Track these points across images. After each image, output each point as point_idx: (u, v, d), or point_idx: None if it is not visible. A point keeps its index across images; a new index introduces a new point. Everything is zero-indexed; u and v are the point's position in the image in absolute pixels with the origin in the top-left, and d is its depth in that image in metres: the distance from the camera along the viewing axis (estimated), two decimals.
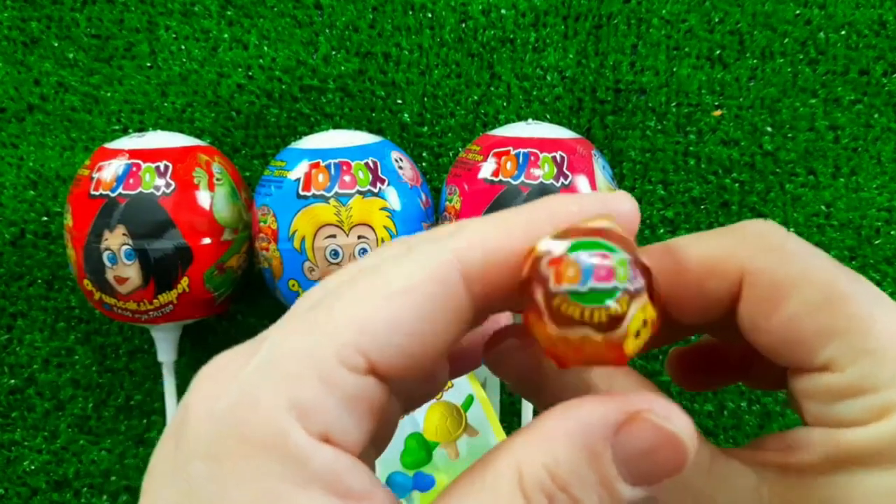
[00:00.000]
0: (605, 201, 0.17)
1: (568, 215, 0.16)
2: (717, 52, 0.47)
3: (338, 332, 0.15)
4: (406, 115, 0.48)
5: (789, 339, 0.17)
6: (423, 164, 0.48)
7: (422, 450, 0.40)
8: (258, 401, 0.14)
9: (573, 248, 0.14)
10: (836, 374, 0.16)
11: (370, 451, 0.17)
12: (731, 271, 0.17)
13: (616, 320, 0.14)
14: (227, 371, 0.15)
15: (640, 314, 0.14)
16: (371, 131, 0.44)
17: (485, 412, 0.41)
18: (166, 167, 0.39)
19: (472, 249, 0.16)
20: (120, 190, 0.39)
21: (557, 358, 0.15)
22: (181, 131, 0.45)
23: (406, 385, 0.17)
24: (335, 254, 0.38)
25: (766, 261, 0.17)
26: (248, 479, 0.14)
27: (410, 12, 0.48)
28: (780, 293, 0.17)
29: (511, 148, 0.39)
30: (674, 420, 0.15)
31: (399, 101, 0.48)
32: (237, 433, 0.14)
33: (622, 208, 0.16)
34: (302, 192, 0.38)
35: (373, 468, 0.17)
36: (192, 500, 0.14)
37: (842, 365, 0.16)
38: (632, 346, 0.14)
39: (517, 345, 0.18)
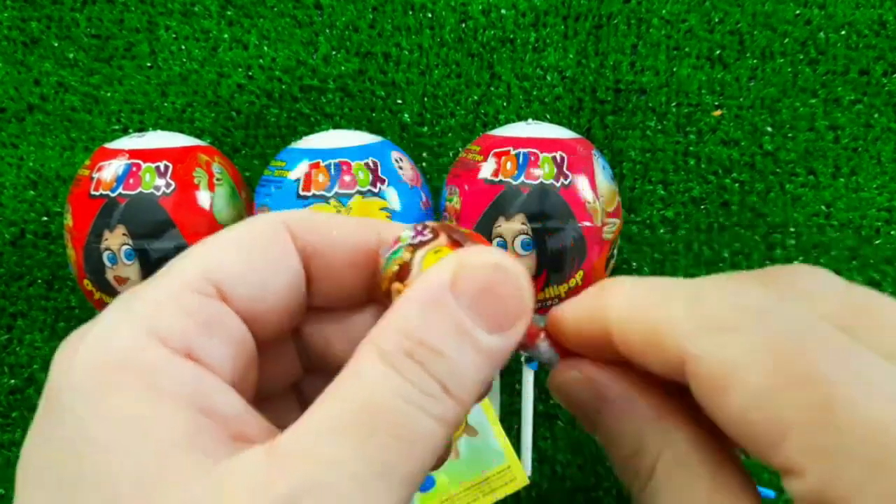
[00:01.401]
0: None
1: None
2: (717, 52, 0.47)
3: (188, 268, 0.16)
4: (406, 115, 0.48)
5: (746, 434, 0.14)
6: (423, 164, 0.48)
7: None
8: (118, 333, 0.15)
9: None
10: (798, 478, 0.14)
11: (243, 387, 0.17)
12: (669, 351, 0.16)
13: (405, 267, 0.17)
14: (81, 332, 0.16)
15: (430, 256, 0.17)
16: (371, 131, 0.44)
17: (485, 412, 0.41)
18: (166, 167, 0.39)
19: (299, 217, 0.18)
20: (120, 190, 0.39)
21: None
22: (181, 131, 0.45)
23: (263, 330, 0.18)
24: None
25: (705, 344, 0.15)
26: (114, 397, 0.14)
27: (410, 12, 0.48)
28: (724, 382, 0.14)
29: (511, 148, 0.39)
30: (502, 257, 0.16)
31: (399, 101, 0.48)
32: (100, 362, 0.15)
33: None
34: (302, 193, 0.38)
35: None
36: (70, 431, 0.14)
37: (800, 467, 0.14)
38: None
39: (579, 378, 0.19)
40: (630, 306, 0.17)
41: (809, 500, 0.13)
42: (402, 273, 0.17)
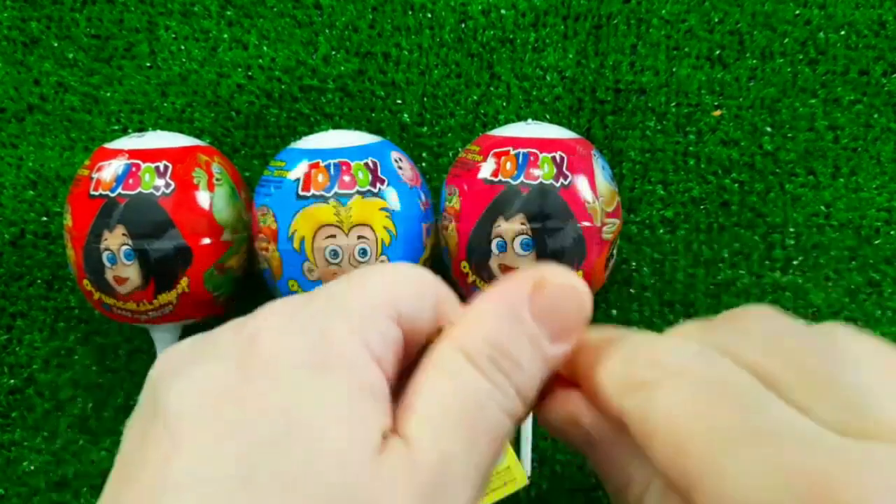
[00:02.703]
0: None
1: None
2: (717, 52, 0.47)
3: (382, 292, 0.19)
4: (406, 116, 0.48)
5: (671, 478, 0.16)
6: (423, 164, 0.48)
7: None
8: (333, 328, 0.18)
9: None
10: None
11: None
12: (611, 407, 0.19)
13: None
14: (292, 310, 0.18)
15: None
16: (371, 131, 0.44)
17: None
18: (166, 167, 0.39)
19: (443, 292, 0.21)
20: (119, 190, 0.39)
21: None
22: (181, 131, 0.45)
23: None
24: (335, 254, 0.38)
25: (628, 402, 0.18)
26: (328, 384, 0.17)
27: (410, 12, 0.48)
28: (646, 435, 0.17)
29: (511, 148, 0.39)
30: (569, 277, 0.19)
31: (399, 101, 0.48)
32: (318, 348, 0.17)
33: None
34: (301, 193, 0.38)
35: None
36: (283, 396, 0.16)
37: None
38: None
39: (567, 420, 0.21)
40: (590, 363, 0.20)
41: None
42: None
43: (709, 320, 0.20)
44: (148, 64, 0.49)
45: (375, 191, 0.39)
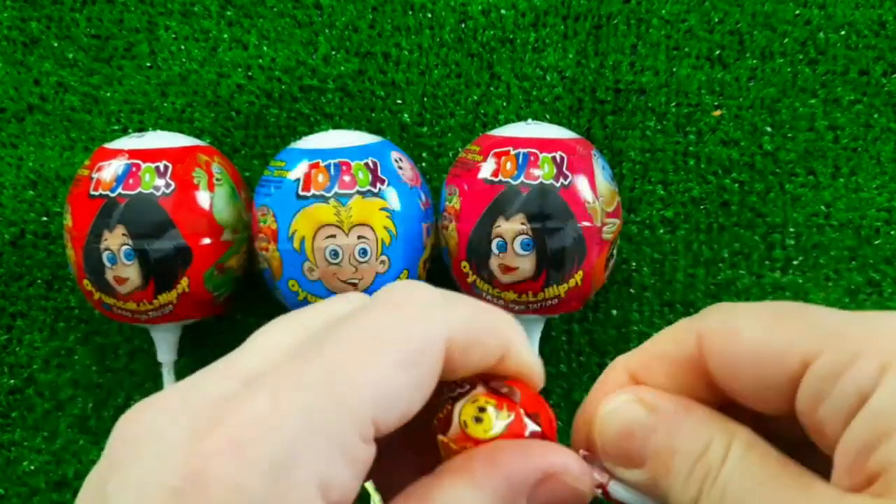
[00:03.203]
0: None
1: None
2: (717, 52, 0.47)
3: (358, 407, 0.15)
4: (406, 115, 0.48)
5: (761, 358, 0.17)
6: (423, 164, 0.48)
7: None
8: (292, 481, 0.14)
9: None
10: (817, 362, 0.16)
11: None
12: (791, 363, 0.17)
13: (446, 418, 0.18)
14: (252, 444, 0.15)
15: (468, 408, 0.18)
16: (371, 131, 0.44)
17: None
18: (166, 167, 0.39)
19: (460, 331, 0.17)
20: (119, 190, 0.39)
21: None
22: (181, 131, 0.45)
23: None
24: (335, 254, 0.38)
25: (714, 316, 0.18)
26: None
27: (410, 12, 0.48)
28: (735, 330, 0.17)
29: (511, 148, 0.39)
30: (584, 482, 0.18)
31: (399, 101, 0.48)
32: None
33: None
34: (301, 193, 0.38)
35: None
36: None
37: (817, 351, 0.16)
38: (476, 430, 0.18)
39: (629, 400, 0.20)
40: (645, 348, 0.19)
41: (828, 375, 0.16)
42: (443, 425, 0.18)
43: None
44: (148, 64, 0.49)
45: (375, 191, 0.39)
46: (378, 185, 0.39)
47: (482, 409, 0.18)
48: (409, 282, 0.21)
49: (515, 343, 0.19)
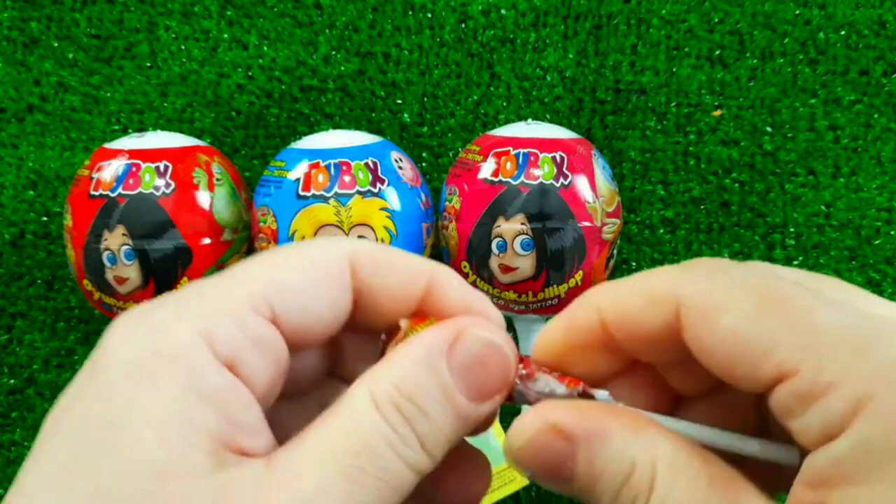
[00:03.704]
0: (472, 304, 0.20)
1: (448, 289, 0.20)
2: (717, 52, 0.47)
3: (251, 282, 0.17)
4: (406, 115, 0.48)
5: (737, 355, 0.16)
6: (423, 164, 0.48)
7: None
8: (173, 328, 0.16)
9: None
10: (792, 379, 0.16)
11: (269, 400, 0.19)
12: (667, 300, 0.18)
13: (394, 331, 0.19)
14: (140, 314, 0.17)
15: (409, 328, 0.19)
16: (371, 131, 0.44)
17: None
18: (166, 167, 0.39)
19: (366, 252, 0.19)
20: (120, 190, 0.39)
21: None
22: (181, 131, 0.45)
23: (299, 346, 0.19)
24: None
25: (697, 285, 0.18)
26: (156, 386, 0.16)
27: (410, 12, 0.48)
28: (715, 311, 0.17)
29: (511, 148, 0.39)
30: (496, 334, 0.18)
31: (399, 101, 0.48)
32: (151, 349, 0.16)
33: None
34: (302, 193, 0.38)
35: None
36: (106, 405, 0.16)
37: (793, 366, 0.16)
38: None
39: (543, 428, 0.19)
40: (621, 293, 0.19)
41: (801, 396, 0.15)
42: (391, 335, 0.19)
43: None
44: (148, 64, 0.49)
45: (375, 191, 0.39)
46: (378, 185, 0.39)
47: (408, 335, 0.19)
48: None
49: (441, 276, 0.19)
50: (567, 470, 0.18)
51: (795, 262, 0.46)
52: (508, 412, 0.48)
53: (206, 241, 0.40)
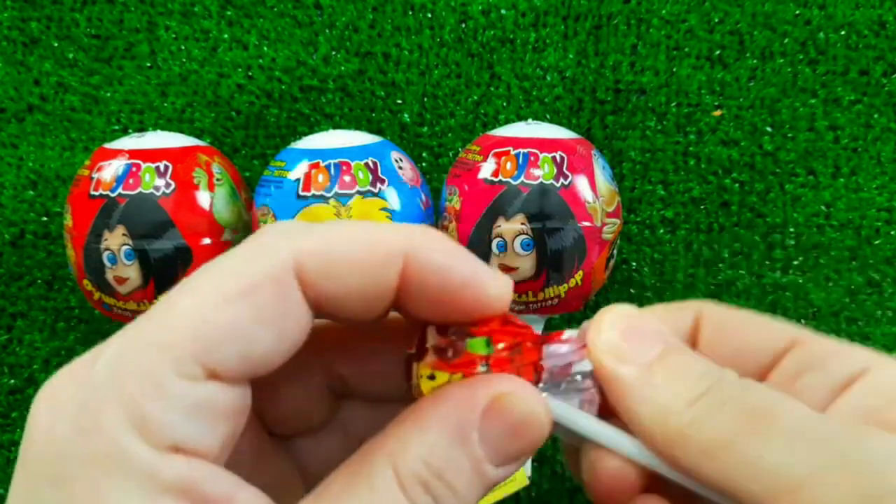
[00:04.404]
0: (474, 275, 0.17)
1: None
2: (717, 52, 0.47)
3: (174, 342, 0.14)
4: (406, 115, 0.48)
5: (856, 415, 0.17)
6: (423, 164, 0.48)
7: None
8: (98, 420, 0.14)
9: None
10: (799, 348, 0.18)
11: (228, 450, 0.16)
12: (780, 339, 0.19)
13: (407, 374, 0.18)
14: (65, 390, 0.15)
15: (423, 368, 0.17)
16: (371, 131, 0.44)
17: None
18: (166, 167, 0.39)
19: (313, 253, 0.15)
20: (120, 190, 0.39)
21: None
22: (181, 131, 0.45)
23: (260, 380, 0.16)
24: None
25: (823, 347, 0.18)
26: (95, 500, 0.14)
27: (410, 12, 0.48)
28: (842, 379, 0.18)
29: (511, 148, 0.39)
30: (532, 402, 0.17)
31: (399, 101, 0.48)
32: (79, 454, 0.14)
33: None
34: (302, 193, 0.38)
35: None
36: None
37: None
38: (429, 387, 0.17)
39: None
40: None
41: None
42: (407, 377, 0.18)
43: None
44: (148, 64, 0.49)
45: (376, 191, 0.39)
46: (378, 185, 0.39)
47: (431, 378, 0.17)
48: (275, 223, 0.19)
49: (418, 252, 0.16)
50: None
51: (795, 262, 0.46)
52: None
53: (206, 241, 0.40)
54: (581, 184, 0.39)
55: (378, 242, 0.16)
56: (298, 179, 0.39)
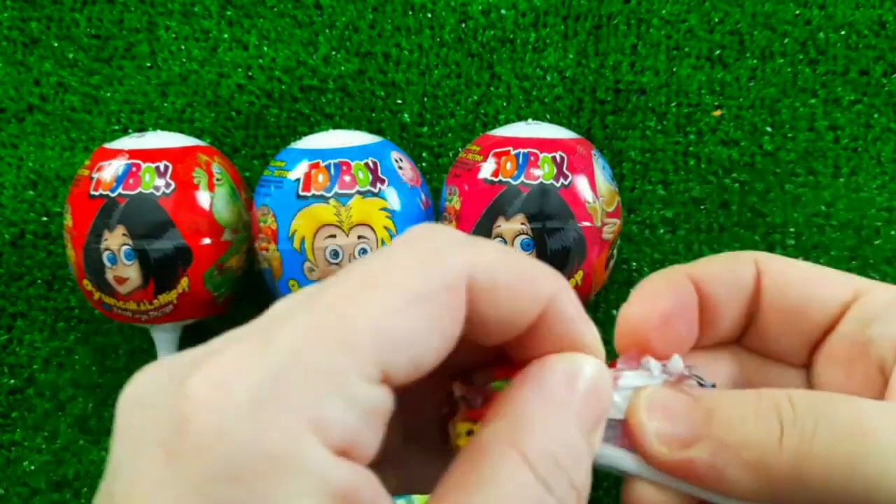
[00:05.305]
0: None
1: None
2: (717, 52, 0.47)
3: (356, 343, 0.14)
4: (406, 115, 0.48)
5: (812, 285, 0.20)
6: (423, 164, 0.48)
7: None
8: (277, 419, 0.13)
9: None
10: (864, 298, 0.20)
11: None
12: (843, 292, 0.20)
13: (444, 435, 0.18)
14: (231, 383, 0.14)
15: (460, 428, 0.18)
16: (371, 131, 0.44)
17: None
18: (166, 167, 0.39)
19: (485, 271, 0.15)
20: (120, 190, 0.39)
21: None
22: (181, 131, 0.45)
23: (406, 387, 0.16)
24: (335, 254, 0.38)
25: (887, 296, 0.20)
26: (271, 500, 0.13)
27: (410, 12, 0.48)
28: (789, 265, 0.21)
29: (511, 148, 0.39)
30: (601, 365, 0.18)
31: (399, 101, 0.48)
32: (258, 453, 0.13)
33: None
34: (302, 193, 0.38)
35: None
36: None
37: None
38: (463, 443, 0.18)
39: None
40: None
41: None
42: (444, 436, 0.18)
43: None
44: (148, 64, 0.49)
45: (376, 191, 0.39)
46: (378, 185, 0.39)
47: (469, 433, 0.17)
48: (430, 224, 0.20)
49: (559, 301, 0.17)
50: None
51: None
52: None
53: (206, 241, 0.40)
54: (581, 184, 0.39)
55: (538, 282, 0.16)
56: (298, 179, 0.39)
